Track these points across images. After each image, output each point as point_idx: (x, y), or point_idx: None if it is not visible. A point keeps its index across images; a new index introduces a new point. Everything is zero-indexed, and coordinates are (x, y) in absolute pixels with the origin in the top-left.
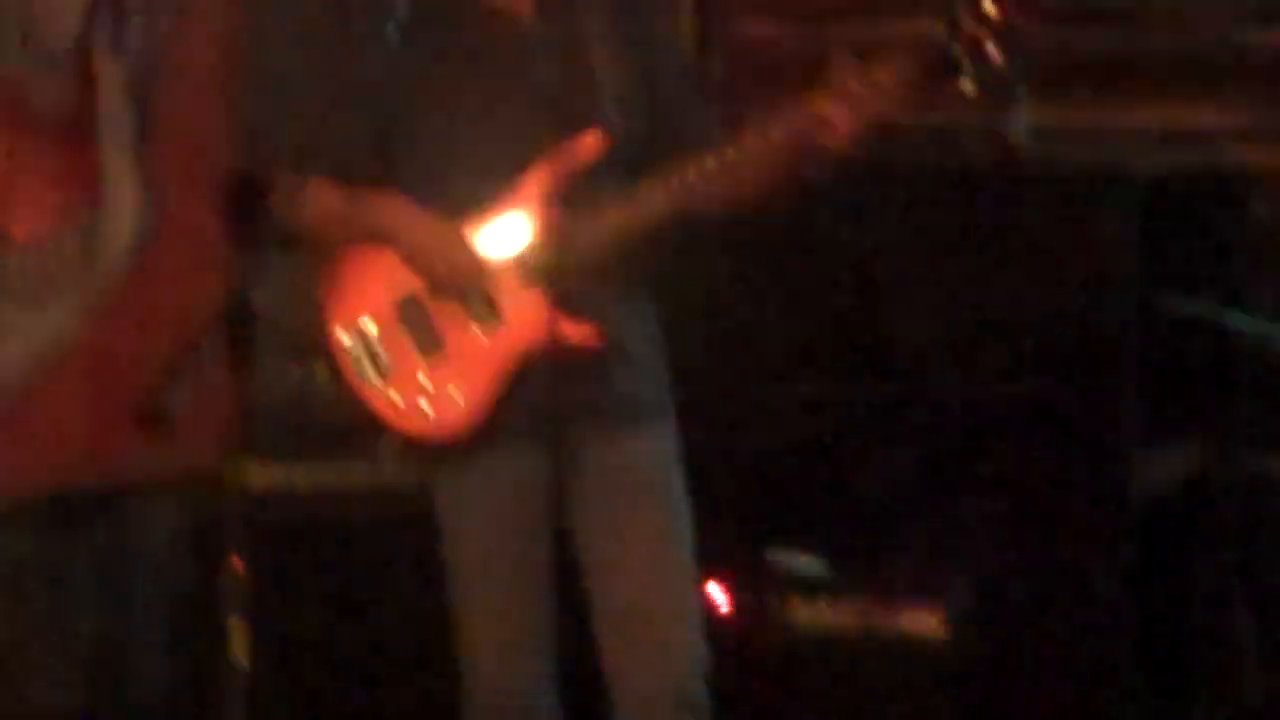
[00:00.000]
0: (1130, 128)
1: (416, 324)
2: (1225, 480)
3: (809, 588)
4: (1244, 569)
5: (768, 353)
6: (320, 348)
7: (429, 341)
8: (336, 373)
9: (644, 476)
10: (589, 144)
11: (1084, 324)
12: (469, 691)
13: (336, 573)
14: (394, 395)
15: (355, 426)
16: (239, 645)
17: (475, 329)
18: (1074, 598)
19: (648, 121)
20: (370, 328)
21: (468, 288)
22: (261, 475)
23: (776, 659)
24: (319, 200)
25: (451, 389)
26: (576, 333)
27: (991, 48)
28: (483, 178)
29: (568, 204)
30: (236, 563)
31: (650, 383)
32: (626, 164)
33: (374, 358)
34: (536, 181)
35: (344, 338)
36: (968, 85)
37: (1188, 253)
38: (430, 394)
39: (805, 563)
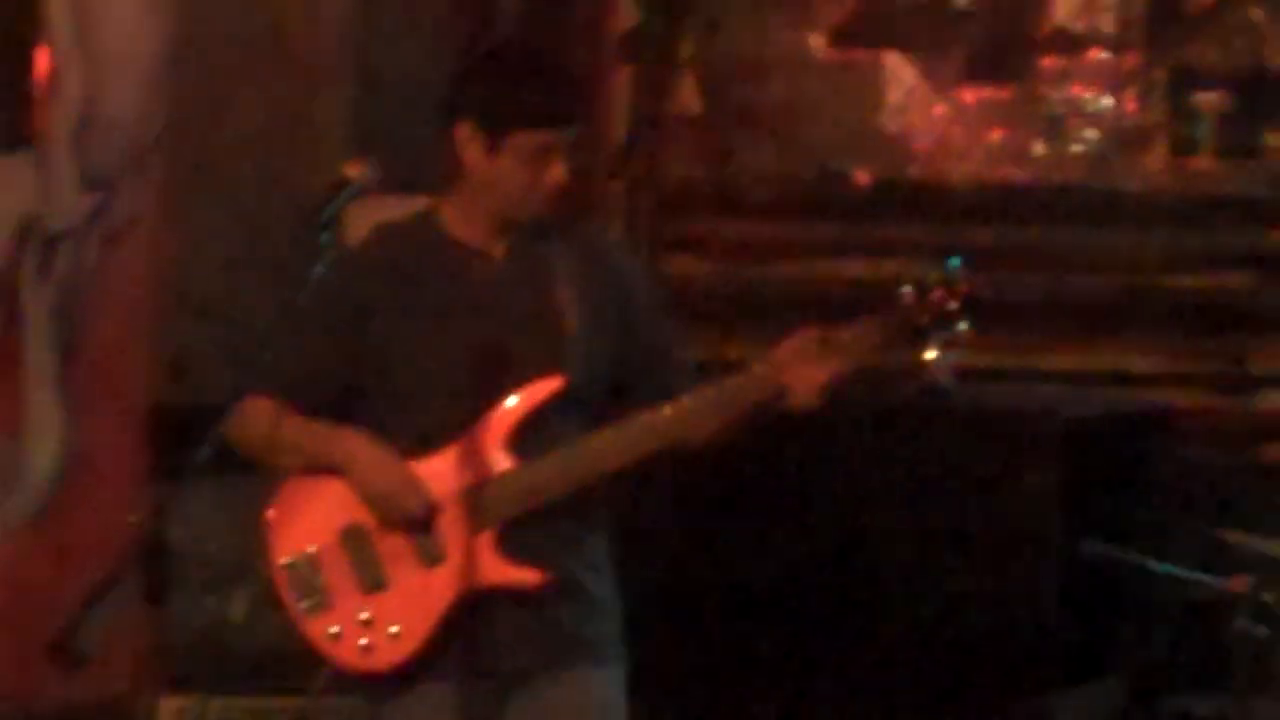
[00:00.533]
0: (1056, 370)
1: (360, 556)
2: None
3: None
4: None
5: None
6: (255, 575)
7: (372, 576)
8: (275, 600)
9: (588, 712)
10: (548, 386)
11: (1004, 571)
12: None
13: None
14: (334, 629)
15: (281, 658)
16: None
17: (420, 566)
18: None
19: (611, 366)
20: (313, 557)
21: (416, 528)
22: (175, 707)
23: None
24: (267, 422)
25: (393, 627)
26: (522, 575)
27: (960, 321)
28: (444, 408)
29: (523, 445)
30: None
31: (600, 621)
32: (582, 405)
33: (315, 589)
34: (494, 421)
35: (285, 565)
36: (931, 354)
37: (1110, 495)
38: (372, 630)
39: None
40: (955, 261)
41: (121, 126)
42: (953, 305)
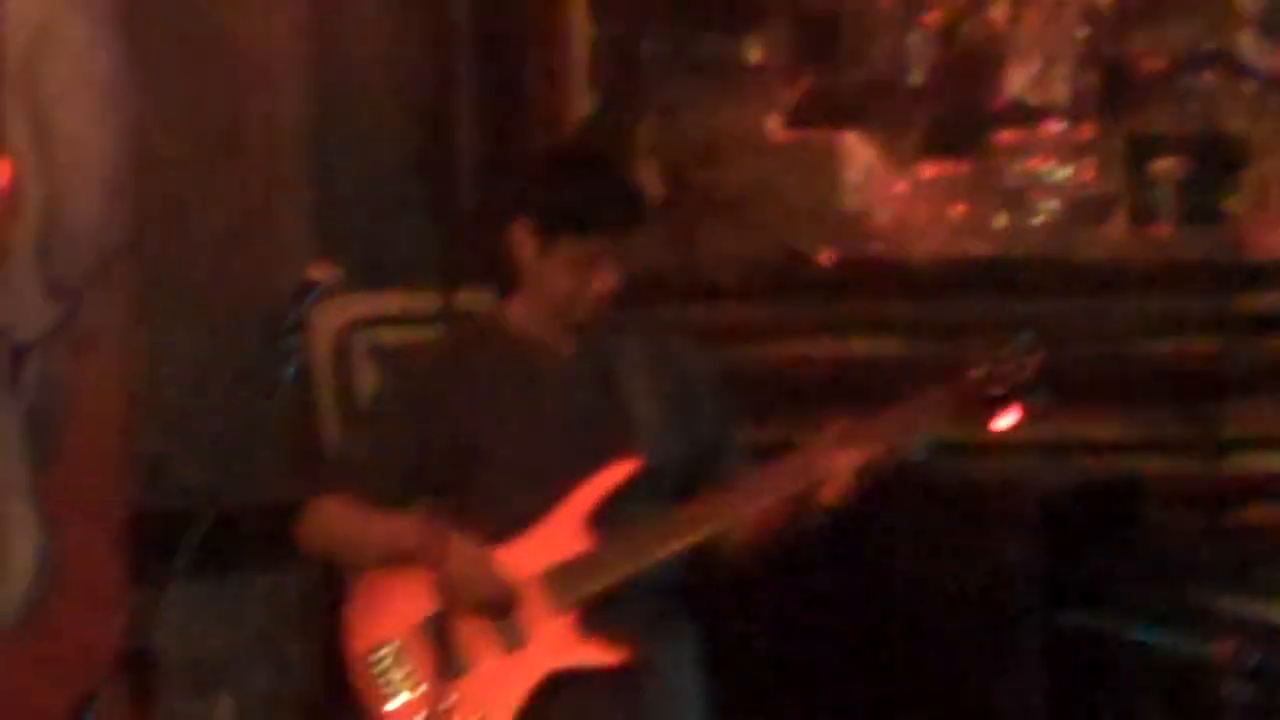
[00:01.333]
0: (1028, 441)
1: (441, 645)
2: None
3: None
4: None
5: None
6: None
7: (454, 663)
8: (357, 696)
9: None
10: (625, 468)
11: (986, 642)
12: None
13: None
14: (418, 718)
15: None
16: None
17: (502, 651)
18: None
19: (682, 450)
20: (395, 648)
21: (498, 613)
22: None
23: None
24: (346, 519)
25: (477, 714)
26: (604, 654)
27: (1031, 394)
28: (521, 500)
29: (601, 528)
30: None
31: (682, 706)
32: (659, 490)
33: (397, 679)
34: (572, 504)
35: (366, 658)
36: (1006, 420)
37: (1088, 564)
38: (456, 717)
39: None
40: (1026, 336)
41: (85, 234)
42: (1028, 375)
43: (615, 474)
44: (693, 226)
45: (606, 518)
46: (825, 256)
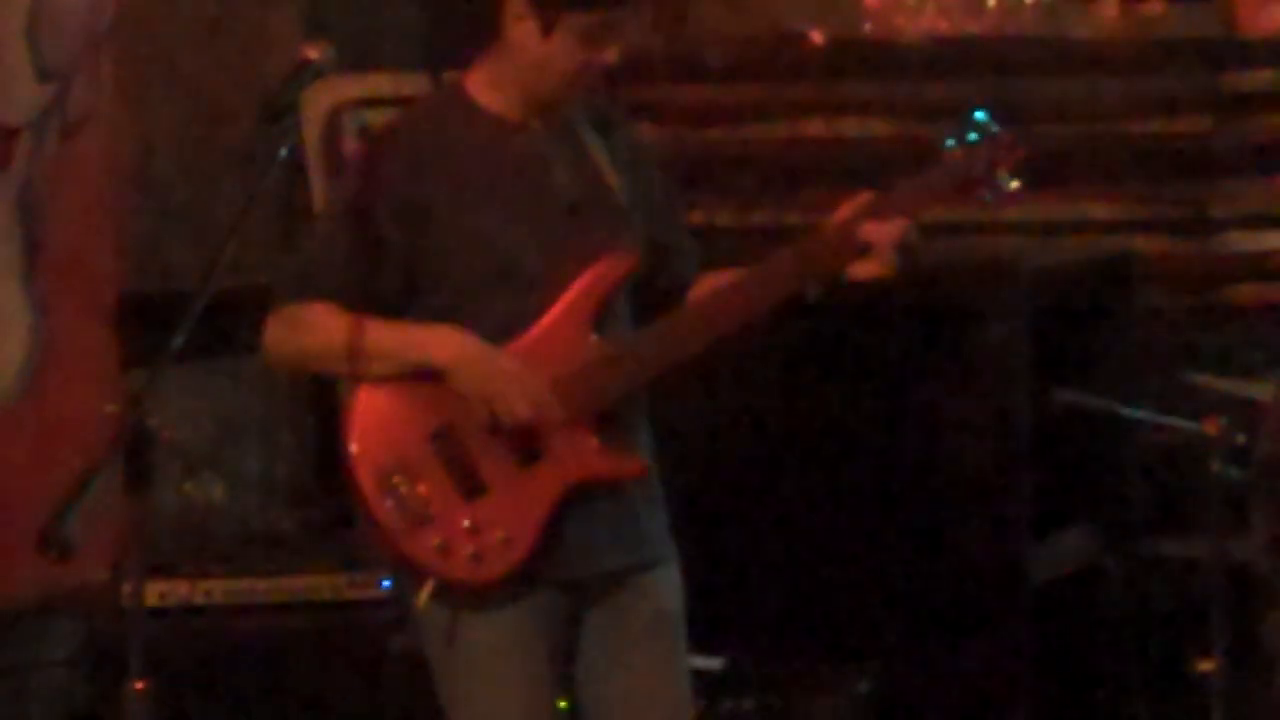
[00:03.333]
0: (1017, 220)
1: (456, 464)
2: (1119, 563)
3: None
4: (1139, 648)
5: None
6: (352, 493)
7: (472, 483)
8: (371, 521)
9: (666, 615)
10: (625, 263)
11: (973, 417)
12: None
13: (246, 690)
14: (437, 541)
15: (259, 540)
16: None
17: (518, 465)
18: (975, 678)
19: (654, 237)
20: (406, 471)
21: (517, 419)
22: (158, 591)
23: None
24: (344, 328)
25: (500, 533)
26: (625, 465)
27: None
28: (516, 292)
29: (601, 327)
30: (138, 685)
31: (663, 516)
32: (634, 286)
33: (412, 504)
34: (574, 303)
35: (376, 484)
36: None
37: (1078, 343)
38: (479, 538)
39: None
40: (982, 115)
41: (72, 18)
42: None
43: (620, 268)
44: (683, 5)
45: (608, 315)
46: (817, 36)
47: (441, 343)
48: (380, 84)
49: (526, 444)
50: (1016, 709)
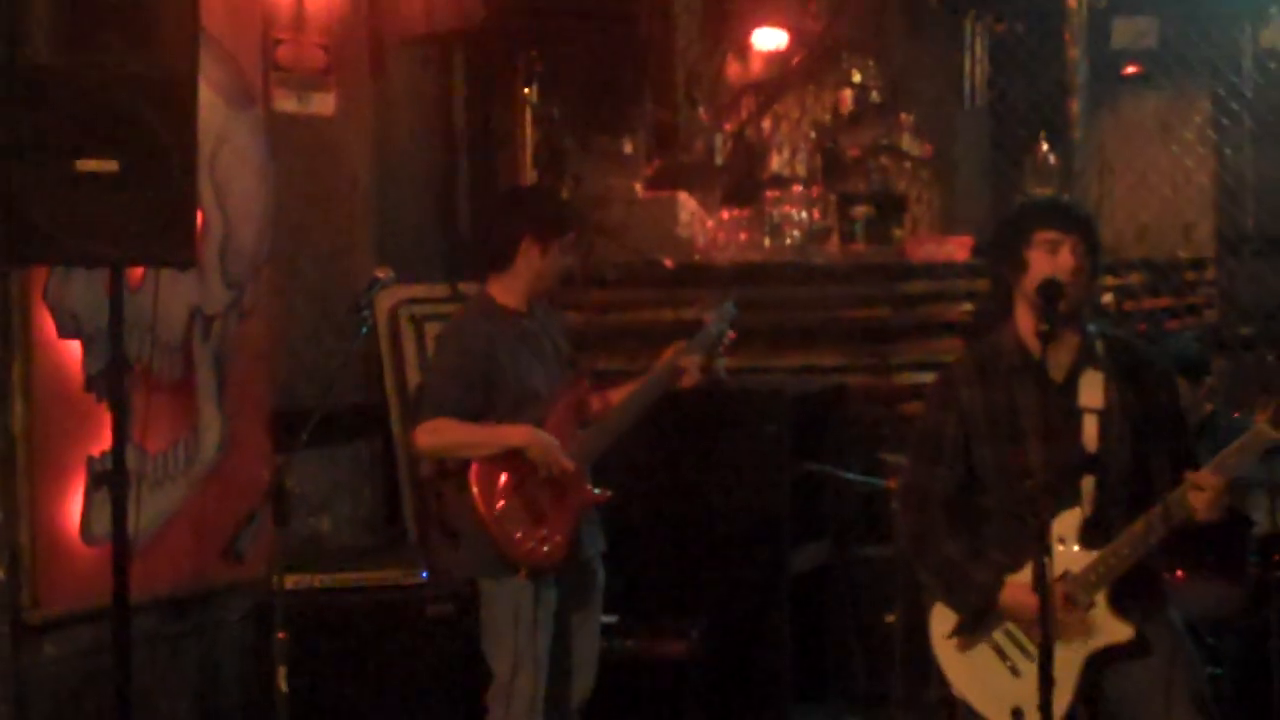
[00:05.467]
0: (781, 366)
1: (530, 497)
2: (849, 560)
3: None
4: (854, 612)
5: None
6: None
7: (538, 508)
8: (487, 534)
9: (595, 586)
10: (578, 388)
11: (757, 478)
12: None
13: (343, 639)
14: (530, 544)
15: (354, 554)
16: (282, 682)
17: (558, 499)
18: (758, 630)
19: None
20: (507, 506)
21: (564, 474)
22: (292, 581)
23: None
24: (460, 431)
25: (558, 539)
26: (602, 497)
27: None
28: (540, 404)
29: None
30: (281, 635)
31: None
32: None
33: (519, 519)
34: (568, 409)
35: (497, 511)
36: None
37: (815, 435)
38: (548, 540)
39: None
40: (733, 307)
41: (246, 251)
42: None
43: (575, 392)
44: (591, 244)
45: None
46: (668, 263)
47: (519, 433)
48: (420, 291)
49: (561, 487)
50: (782, 651)
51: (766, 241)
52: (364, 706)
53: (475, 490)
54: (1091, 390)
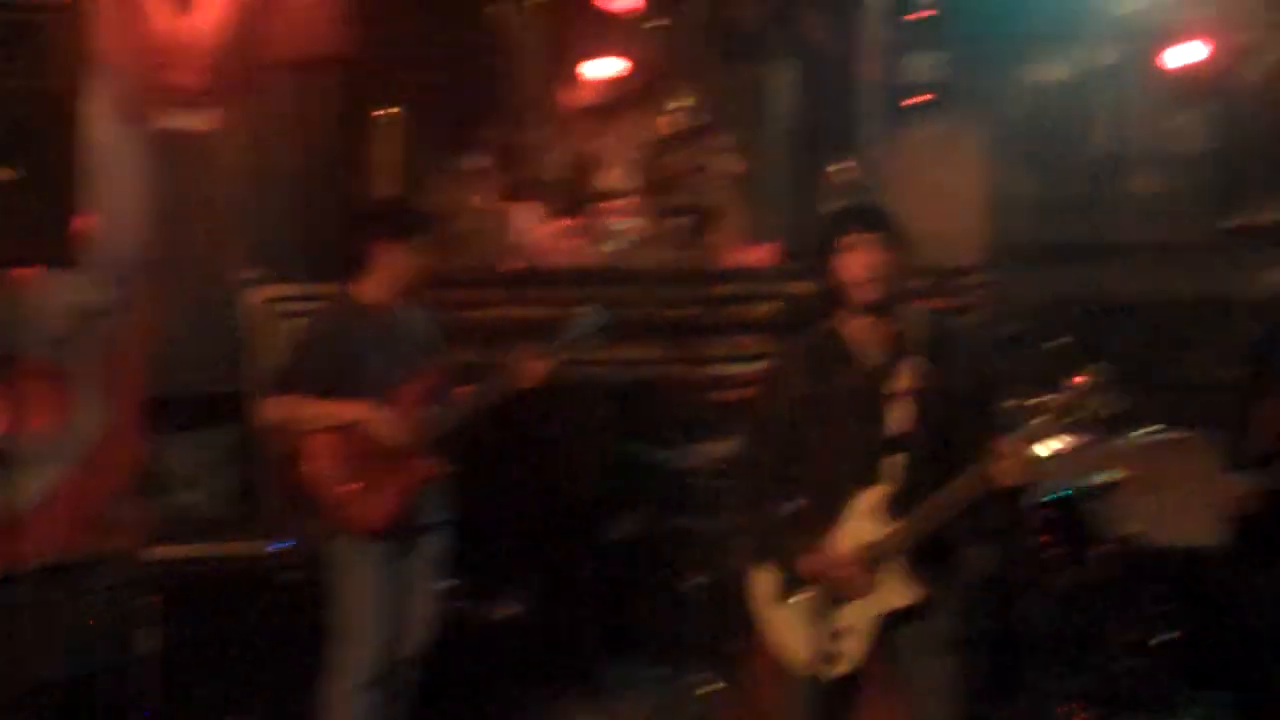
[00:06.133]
0: (607, 359)
1: (364, 467)
2: (661, 531)
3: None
4: (667, 583)
5: None
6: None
7: (371, 476)
8: (319, 495)
9: (436, 551)
10: (434, 375)
11: (583, 457)
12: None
13: (205, 605)
14: (362, 508)
15: (219, 524)
16: (153, 641)
17: (394, 465)
18: (576, 595)
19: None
20: (344, 467)
21: (397, 446)
22: (160, 554)
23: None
24: (306, 406)
25: (387, 503)
26: (438, 468)
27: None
28: (378, 390)
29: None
30: (153, 600)
31: (439, 499)
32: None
33: (343, 487)
34: (408, 392)
35: (328, 472)
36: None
37: (634, 420)
38: (374, 505)
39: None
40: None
41: (128, 252)
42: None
43: (431, 377)
44: (445, 250)
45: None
46: (509, 267)
47: (354, 409)
48: (289, 289)
49: (396, 459)
50: (600, 611)
51: (597, 248)
52: (224, 667)
53: (315, 460)
54: (904, 374)
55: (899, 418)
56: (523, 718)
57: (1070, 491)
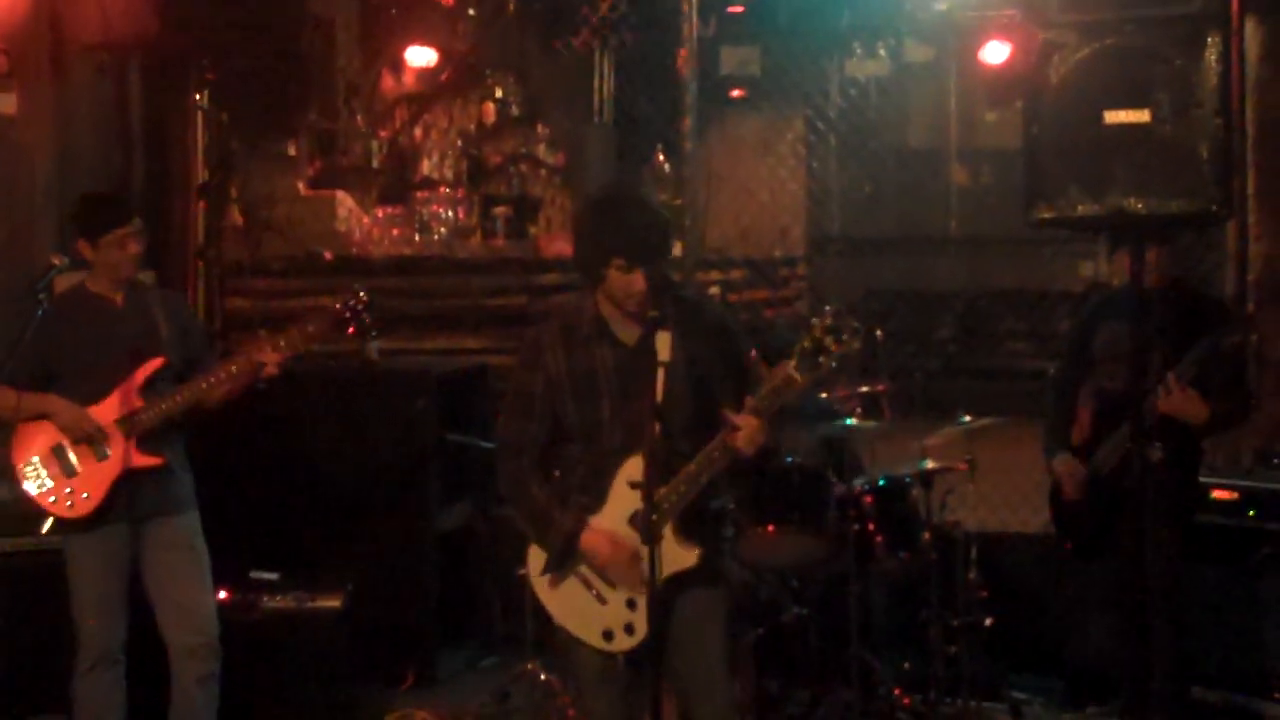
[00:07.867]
0: (429, 348)
1: (62, 459)
2: (484, 524)
3: (275, 588)
4: (494, 572)
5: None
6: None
7: (69, 468)
8: (20, 488)
9: (183, 540)
10: (155, 364)
11: (407, 448)
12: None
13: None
14: (53, 498)
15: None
16: None
17: (96, 460)
18: (405, 585)
19: (182, 354)
20: (37, 463)
21: (93, 439)
22: None
23: (251, 626)
24: (9, 397)
25: (84, 493)
26: (154, 460)
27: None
28: (99, 381)
29: (146, 394)
30: None
31: (185, 487)
32: (171, 375)
33: (41, 478)
34: (130, 382)
35: (24, 467)
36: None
37: (460, 409)
38: (73, 496)
39: (269, 575)
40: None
41: None
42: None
43: (150, 366)
44: (257, 239)
45: (147, 389)
46: (328, 255)
47: (44, 402)
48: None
49: (101, 450)
50: (429, 600)
51: (417, 237)
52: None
53: (14, 452)
54: (660, 348)
55: (656, 390)
56: (355, 709)
57: (886, 481)
